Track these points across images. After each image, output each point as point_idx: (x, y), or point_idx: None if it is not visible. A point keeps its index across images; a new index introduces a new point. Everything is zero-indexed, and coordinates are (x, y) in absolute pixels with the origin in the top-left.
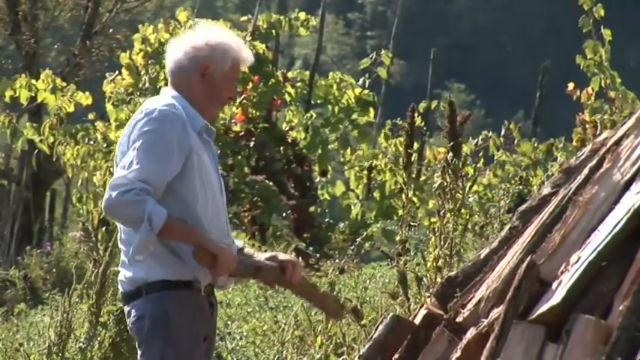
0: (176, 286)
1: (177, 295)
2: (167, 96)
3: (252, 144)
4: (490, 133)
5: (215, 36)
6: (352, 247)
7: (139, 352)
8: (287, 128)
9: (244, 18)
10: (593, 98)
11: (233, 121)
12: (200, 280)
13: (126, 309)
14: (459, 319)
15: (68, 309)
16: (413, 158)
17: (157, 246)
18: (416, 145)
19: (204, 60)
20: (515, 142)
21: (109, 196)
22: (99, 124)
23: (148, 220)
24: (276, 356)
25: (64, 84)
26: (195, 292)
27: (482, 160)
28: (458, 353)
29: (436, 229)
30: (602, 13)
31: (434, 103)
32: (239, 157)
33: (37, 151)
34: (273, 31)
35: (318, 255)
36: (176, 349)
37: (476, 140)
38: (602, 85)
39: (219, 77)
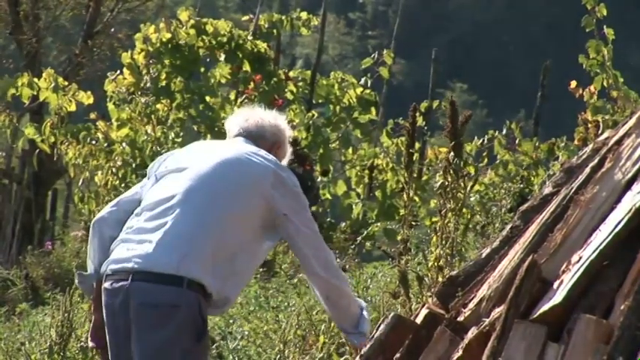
0: (206, 294)
1: (205, 302)
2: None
3: None
4: (497, 133)
5: (288, 128)
6: (353, 247)
7: (151, 335)
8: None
9: (246, 17)
10: (595, 97)
11: None
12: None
13: (141, 285)
14: (461, 318)
15: (69, 308)
16: (414, 158)
17: (225, 264)
18: (417, 145)
19: (280, 138)
20: (517, 141)
21: (338, 281)
22: (100, 124)
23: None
24: (278, 356)
25: (66, 83)
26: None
27: (486, 159)
28: (459, 353)
29: (437, 229)
30: (604, 12)
31: (435, 103)
32: None
33: (38, 150)
34: (275, 31)
35: None
36: (202, 348)
37: (482, 140)
38: (605, 84)
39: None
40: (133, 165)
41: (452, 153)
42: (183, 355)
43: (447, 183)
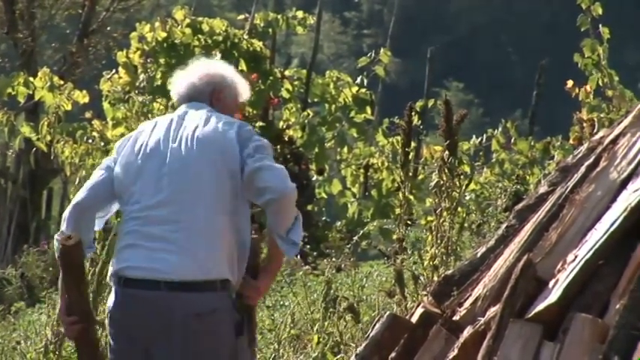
0: (232, 285)
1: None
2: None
3: None
4: (496, 131)
5: (224, 68)
6: (349, 246)
7: (198, 343)
8: (284, 127)
9: (241, 17)
10: (591, 97)
11: None
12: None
13: (182, 295)
14: (456, 317)
15: None
16: (410, 157)
17: (234, 249)
18: (413, 144)
19: (216, 87)
20: (512, 140)
21: (290, 184)
22: (96, 123)
23: (299, 223)
24: (273, 355)
25: (62, 82)
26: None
27: (482, 158)
28: (455, 352)
29: (433, 228)
30: (599, 11)
31: (431, 102)
32: None
33: (34, 149)
34: (270, 30)
35: (314, 253)
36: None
37: (480, 139)
38: (600, 83)
39: (230, 103)
40: None
41: (447, 152)
42: (232, 354)
43: (442, 182)
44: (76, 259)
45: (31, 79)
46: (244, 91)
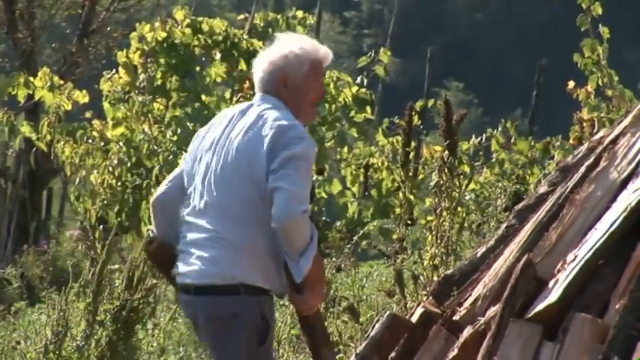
0: (267, 292)
1: (269, 300)
2: (274, 105)
3: None
4: (495, 131)
5: (284, 46)
6: (349, 246)
7: (218, 347)
8: None
9: (241, 16)
10: (592, 97)
11: None
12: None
13: (202, 300)
14: (456, 317)
15: (65, 307)
16: (410, 156)
17: (266, 256)
18: (413, 144)
19: (282, 71)
20: (512, 140)
21: (297, 208)
22: (96, 123)
23: (313, 246)
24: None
25: (62, 82)
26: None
27: (482, 158)
28: (455, 351)
29: (433, 228)
30: (599, 11)
31: (431, 102)
32: None
33: (34, 149)
34: (270, 30)
35: None
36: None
37: (479, 138)
38: (600, 83)
39: (300, 82)
40: (129, 164)
41: (447, 152)
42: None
43: (442, 182)
44: (160, 258)
45: (31, 78)
46: (316, 56)
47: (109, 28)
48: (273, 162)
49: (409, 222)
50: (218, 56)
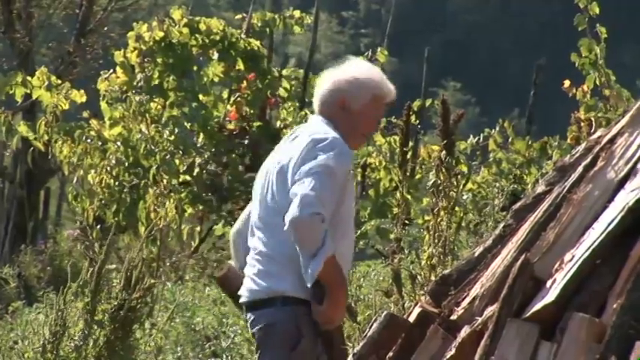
0: (305, 302)
1: (307, 310)
2: (322, 124)
3: (246, 142)
4: (493, 131)
5: (354, 71)
6: None
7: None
8: (281, 126)
9: (239, 16)
10: (589, 96)
11: (227, 119)
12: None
13: (251, 316)
14: (453, 317)
15: (63, 307)
16: (407, 156)
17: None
18: (410, 143)
19: (343, 95)
20: (510, 140)
21: (303, 211)
22: (93, 122)
23: (325, 250)
24: None
25: (59, 82)
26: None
27: (480, 158)
28: (452, 351)
29: (430, 228)
30: (597, 10)
31: (428, 102)
32: (233, 155)
33: (32, 148)
34: (268, 29)
35: None
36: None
37: (477, 138)
38: (597, 83)
39: (358, 111)
40: (126, 164)
41: (444, 151)
42: None
43: (439, 181)
44: (229, 287)
45: (29, 78)
46: (380, 90)
47: (106, 28)
48: (295, 174)
49: (406, 222)
50: (215, 56)
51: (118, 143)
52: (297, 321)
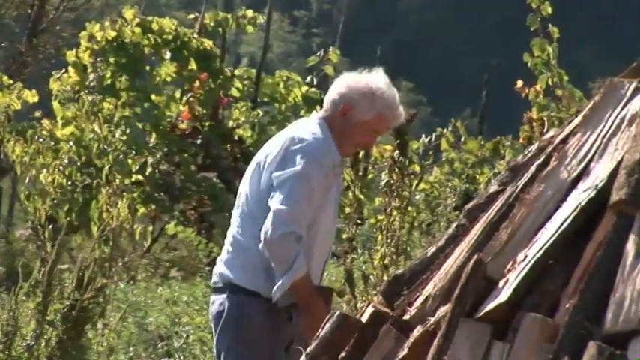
0: (253, 293)
1: (254, 300)
2: (315, 122)
3: (198, 142)
4: (445, 131)
5: (371, 83)
6: None
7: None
8: (234, 126)
9: (191, 16)
10: (541, 96)
11: (179, 119)
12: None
13: (211, 299)
14: (406, 317)
15: (15, 307)
16: (360, 156)
17: (256, 260)
18: None
19: (350, 103)
20: (462, 139)
21: (275, 231)
22: (45, 122)
23: (293, 271)
24: None
25: (11, 81)
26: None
27: (432, 157)
28: (405, 351)
29: (383, 227)
30: (549, 10)
31: None
32: (185, 155)
33: None
34: (220, 29)
35: None
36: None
37: (429, 138)
38: (550, 82)
39: (358, 123)
40: (79, 163)
41: (397, 151)
42: (225, 353)
43: (392, 181)
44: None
45: None
46: (388, 111)
47: (58, 28)
48: (277, 172)
49: (359, 221)
50: (168, 55)
51: (71, 143)
52: (241, 309)
